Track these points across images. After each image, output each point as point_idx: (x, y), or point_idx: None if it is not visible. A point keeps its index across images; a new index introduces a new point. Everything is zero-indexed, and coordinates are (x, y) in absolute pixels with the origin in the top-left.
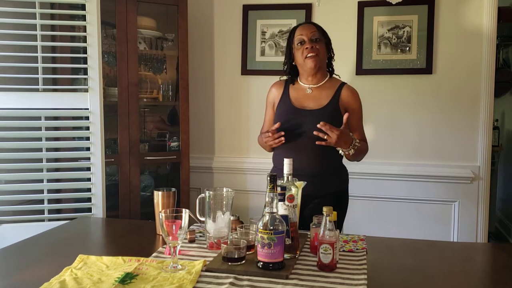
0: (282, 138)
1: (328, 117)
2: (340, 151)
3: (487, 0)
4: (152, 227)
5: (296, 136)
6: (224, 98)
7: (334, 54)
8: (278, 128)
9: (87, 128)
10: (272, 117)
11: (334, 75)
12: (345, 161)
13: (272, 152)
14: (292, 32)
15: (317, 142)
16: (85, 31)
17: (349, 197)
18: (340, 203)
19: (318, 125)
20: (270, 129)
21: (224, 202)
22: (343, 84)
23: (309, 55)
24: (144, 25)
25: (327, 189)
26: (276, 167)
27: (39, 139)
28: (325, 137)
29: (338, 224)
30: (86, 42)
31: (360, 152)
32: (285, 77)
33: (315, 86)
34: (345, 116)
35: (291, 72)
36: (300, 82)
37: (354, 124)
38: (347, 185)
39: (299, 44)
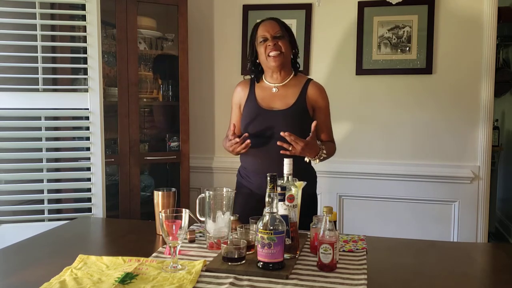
0: (248, 141)
1: (295, 117)
2: (306, 159)
3: (487, 0)
4: (152, 227)
5: (264, 138)
6: (224, 98)
7: (298, 51)
8: (242, 132)
9: (87, 128)
10: (239, 119)
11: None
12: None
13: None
14: (254, 28)
15: (281, 152)
16: (85, 31)
17: (350, 197)
18: (311, 205)
19: (282, 134)
20: (234, 135)
21: (224, 202)
22: (309, 80)
23: (271, 53)
24: (144, 25)
25: None
26: (243, 167)
27: (39, 139)
28: (290, 147)
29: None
30: (86, 42)
31: (327, 158)
32: (249, 76)
33: (281, 84)
34: (313, 125)
35: (255, 70)
36: (265, 81)
37: (321, 123)
38: (316, 187)
39: (262, 41)
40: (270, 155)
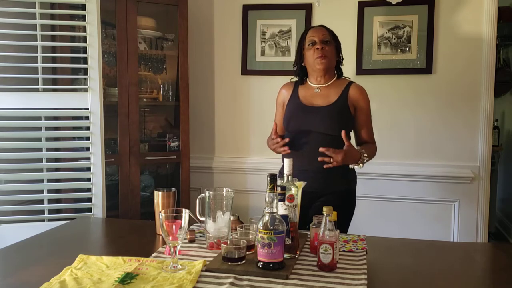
0: (286, 140)
1: (336, 114)
2: (351, 166)
3: (487, 0)
4: (152, 227)
5: (305, 133)
6: (224, 98)
7: (343, 58)
8: (283, 137)
9: (87, 128)
10: (281, 118)
11: (342, 77)
12: None
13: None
14: (304, 33)
15: (324, 166)
16: (85, 31)
17: None
18: (347, 203)
19: (321, 149)
20: (276, 134)
21: (224, 202)
22: (351, 82)
23: (318, 56)
24: (144, 25)
25: (334, 187)
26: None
27: (39, 139)
28: (331, 160)
29: (344, 225)
30: (86, 42)
31: (369, 160)
32: (295, 79)
33: (324, 85)
34: (343, 134)
35: (301, 73)
36: (309, 82)
37: (362, 122)
38: (355, 185)
39: (310, 44)
40: (310, 150)
